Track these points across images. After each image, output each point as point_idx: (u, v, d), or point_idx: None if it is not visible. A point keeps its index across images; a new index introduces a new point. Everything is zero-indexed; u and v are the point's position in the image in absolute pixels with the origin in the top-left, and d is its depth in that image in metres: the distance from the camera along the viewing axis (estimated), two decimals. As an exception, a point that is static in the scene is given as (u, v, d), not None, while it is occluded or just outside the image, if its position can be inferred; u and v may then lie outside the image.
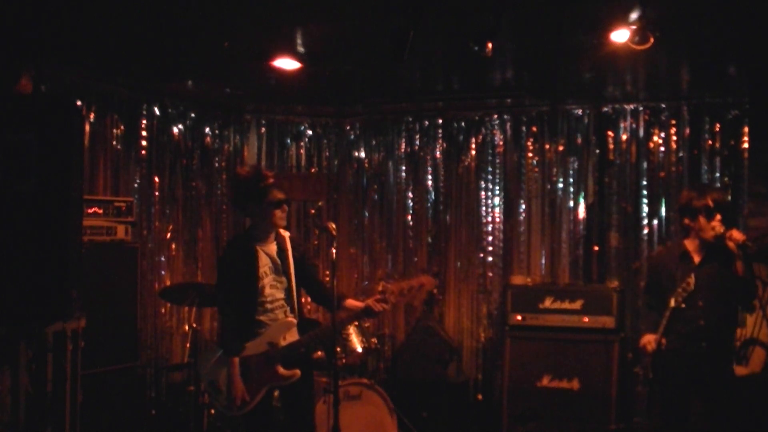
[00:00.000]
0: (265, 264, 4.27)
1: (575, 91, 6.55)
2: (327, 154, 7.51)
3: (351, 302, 4.39)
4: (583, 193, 6.78)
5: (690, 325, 4.27)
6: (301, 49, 5.22)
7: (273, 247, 4.33)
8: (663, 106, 6.55)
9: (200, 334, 6.56)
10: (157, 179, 6.60)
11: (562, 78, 6.09)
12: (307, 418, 4.36)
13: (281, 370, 4.19)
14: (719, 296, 4.29)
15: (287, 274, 4.33)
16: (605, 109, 6.70)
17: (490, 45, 4.26)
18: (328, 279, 4.58)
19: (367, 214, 7.41)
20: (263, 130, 7.40)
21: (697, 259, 4.37)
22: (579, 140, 6.80)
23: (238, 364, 4.15)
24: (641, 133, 6.61)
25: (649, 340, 4.30)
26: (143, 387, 6.16)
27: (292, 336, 4.26)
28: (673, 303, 4.24)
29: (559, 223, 6.84)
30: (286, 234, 4.44)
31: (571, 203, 6.82)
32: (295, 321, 4.28)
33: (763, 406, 4.86)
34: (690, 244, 4.41)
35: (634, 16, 4.30)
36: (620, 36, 4.56)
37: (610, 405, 5.85)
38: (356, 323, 5.51)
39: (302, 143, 7.48)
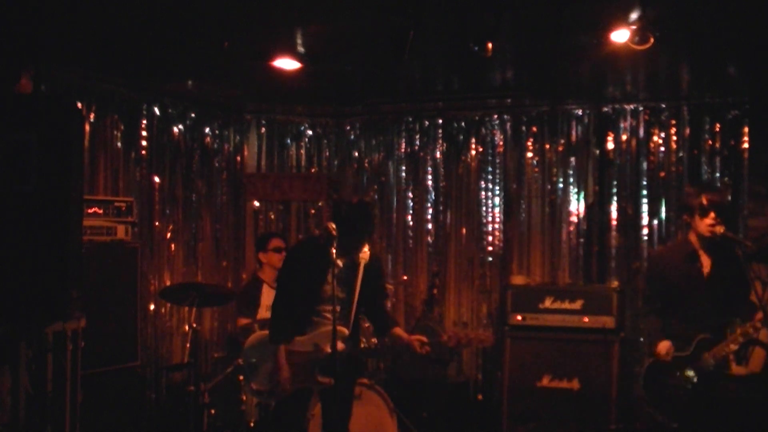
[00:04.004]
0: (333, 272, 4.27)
1: (575, 91, 6.55)
2: (327, 154, 7.51)
3: (397, 332, 4.46)
4: (583, 193, 6.79)
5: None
6: (301, 49, 5.22)
7: (344, 260, 4.32)
8: (663, 106, 6.55)
9: (200, 334, 6.56)
10: (157, 179, 6.60)
11: (562, 78, 6.09)
12: (341, 424, 4.36)
13: (317, 375, 4.22)
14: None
15: (350, 289, 4.31)
16: (605, 109, 6.70)
17: (490, 45, 4.26)
18: (388, 306, 4.74)
19: (367, 214, 7.40)
20: (263, 130, 7.41)
21: (705, 262, 4.37)
22: (579, 140, 6.80)
23: (284, 350, 4.20)
24: (641, 133, 6.61)
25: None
26: (143, 387, 6.16)
27: (339, 345, 4.24)
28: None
29: (559, 223, 6.84)
30: (366, 251, 4.38)
31: (571, 203, 6.82)
32: (346, 331, 4.26)
33: (764, 406, 4.85)
34: (694, 242, 4.42)
35: (634, 16, 4.30)
36: (620, 36, 4.56)
37: (610, 405, 5.85)
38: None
39: (302, 143, 7.48)
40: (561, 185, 6.84)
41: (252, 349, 4.41)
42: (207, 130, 7.09)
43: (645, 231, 6.57)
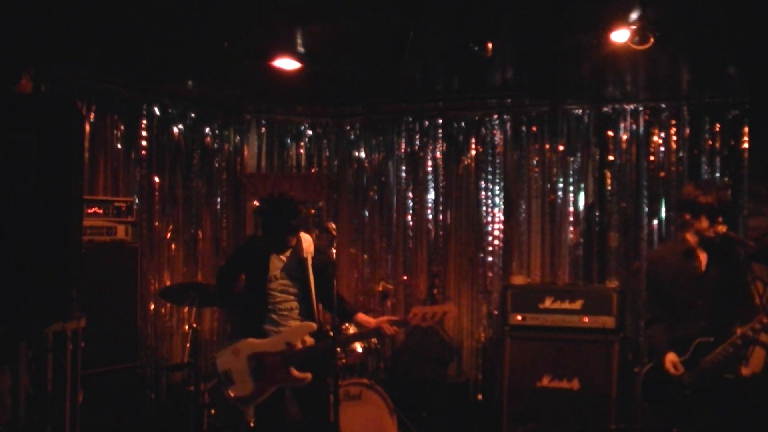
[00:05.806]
0: (276, 267, 4.35)
1: (575, 91, 6.55)
2: (327, 154, 7.51)
3: (362, 318, 4.52)
4: (583, 193, 6.78)
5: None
6: (301, 49, 5.22)
7: (288, 253, 4.42)
8: (663, 106, 6.55)
9: (200, 334, 6.57)
10: (157, 179, 6.60)
11: (562, 78, 6.09)
12: (324, 421, 4.36)
13: (294, 372, 4.26)
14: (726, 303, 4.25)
15: (303, 281, 4.36)
16: (605, 109, 6.69)
17: (490, 45, 4.26)
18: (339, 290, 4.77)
19: (367, 214, 7.40)
20: (263, 130, 7.40)
21: (702, 260, 4.32)
22: (579, 140, 6.80)
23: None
24: (641, 133, 6.61)
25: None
26: (143, 387, 6.16)
27: (310, 341, 4.32)
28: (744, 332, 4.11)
29: (559, 223, 6.83)
30: (309, 238, 4.46)
31: (571, 203, 6.82)
32: (314, 326, 4.32)
33: (763, 406, 4.85)
34: (692, 240, 4.36)
35: (634, 16, 4.30)
36: (620, 36, 4.56)
37: (610, 405, 5.85)
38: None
39: (302, 143, 7.48)
40: (561, 185, 6.84)
41: (222, 359, 4.46)
42: (207, 130, 7.09)
43: (645, 231, 6.57)
